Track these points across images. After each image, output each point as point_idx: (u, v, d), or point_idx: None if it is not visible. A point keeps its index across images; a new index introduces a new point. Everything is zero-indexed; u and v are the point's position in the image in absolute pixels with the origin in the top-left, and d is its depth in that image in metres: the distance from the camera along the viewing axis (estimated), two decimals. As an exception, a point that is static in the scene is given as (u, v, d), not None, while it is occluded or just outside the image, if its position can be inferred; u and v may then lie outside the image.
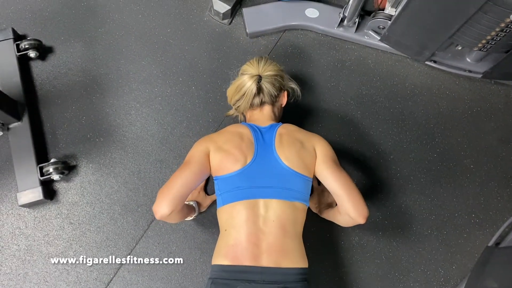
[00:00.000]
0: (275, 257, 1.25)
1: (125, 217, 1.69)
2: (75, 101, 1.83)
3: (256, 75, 1.43)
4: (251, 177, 1.30)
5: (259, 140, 1.37)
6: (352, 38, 1.96)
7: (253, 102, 1.47)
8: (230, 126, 1.44)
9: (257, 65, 1.46)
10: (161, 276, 1.63)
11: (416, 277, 1.68)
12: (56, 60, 1.88)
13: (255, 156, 1.32)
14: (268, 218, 1.28)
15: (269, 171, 1.31)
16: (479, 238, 1.74)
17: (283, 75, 1.53)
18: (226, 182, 1.32)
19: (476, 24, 1.49)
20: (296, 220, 1.32)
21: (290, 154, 1.33)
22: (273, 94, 1.47)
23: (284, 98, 1.55)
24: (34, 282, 1.61)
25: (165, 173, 1.74)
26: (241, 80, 1.45)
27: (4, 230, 1.65)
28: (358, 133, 1.85)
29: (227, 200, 1.31)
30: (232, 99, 1.53)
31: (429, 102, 1.92)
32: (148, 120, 1.82)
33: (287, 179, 1.32)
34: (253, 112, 1.52)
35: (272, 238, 1.26)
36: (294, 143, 1.36)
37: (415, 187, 1.79)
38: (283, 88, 1.53)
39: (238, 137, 1.36)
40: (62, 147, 1.76)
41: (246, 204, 1.29)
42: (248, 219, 1.27)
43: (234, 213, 1.29)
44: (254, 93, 1.44)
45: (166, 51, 1.94)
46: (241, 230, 1.27)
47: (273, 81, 1.46)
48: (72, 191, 1.71)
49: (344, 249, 1.69)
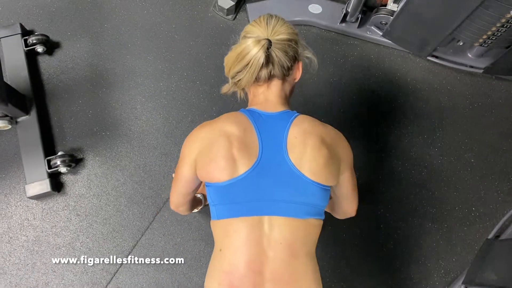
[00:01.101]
0: (282, 287, 1.01)
1: (131, 209, 1.72)
2: (82, 95, 1.86)
3: (265, 39, 1.04)
4: (252, 187, 1.01)
5: (266, 136, 1.05)
6: (354, 33, 1.98)
7: (259, 75, 1.10)
8: (224, 117, 1.10)
9: (265, 25, 1.08)
10: (166, 267, 1.66)
11: (417, 269, 1.71)
12: (63, 55, 1.91)
13: (258, 160, 1.02)
14: (273, 239, 1.01)
15: (276, 179, 1.02)
16: (479, 231, 1.77)
17: (298, 40, 1.14)
18: (220, 192, 1.03)
19: (477, 19, 1.51)
20: (309, 239, 1.06)
21: (306, 158, 1.03)
22: (285, 65, 1.09)
23: (298, 71, 1.18)
24: (42, 272, 1.64)
25: (170, 167, 1.77)
26: (244, 45, 1.05)
27: (13, 222, 1.69)
28: (360, 128, 1.88)
29: (223, 215, 1.04)
30: (230, 70, 1.12)
31: (430, 97, 1.95)
32: (154, 114, 1.85)
33: (301, 191, 1.03)
34: (258, 89, 1.15)
35: (278, 264, 1.01)
36: (313, 143, 1.04)
37: (416, 181, 1.82)
38: (297, 58, 1.15)
39: (228, 138, 1.02)
40: (69, 140, 1.79)
41: (246, 221, 1.02)
42: (248, 239, 1.01)
43: (231, 232, 1.03)
44: (262, 63, 1.05)
45: (171, 46, 1.96)
46: (238, 253, 1.01)
47: (286, 48, 1.08)
48: (79, 183, 1.75)
49: (346, 241, 1.72)
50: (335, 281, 1.68)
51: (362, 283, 1.68)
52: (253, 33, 1.07)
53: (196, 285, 1.65)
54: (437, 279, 1.70)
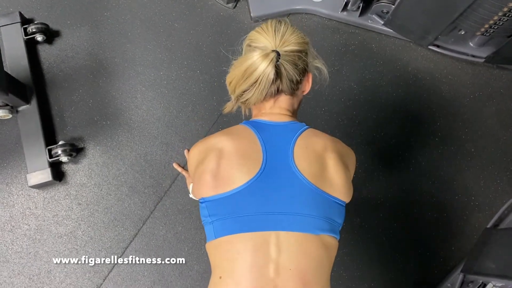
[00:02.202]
0: None
1: (132, 198, 1.73)
2: (82, 84, 1.85)
3: (273, 51, 0.92)
4: (255, 198, 0.90)
5: (271, 145, 0.95)
6: (356, 22, 1.97)
7: (267, 92, 0.98)
8: (218, 134, 1.00)
9: (273, 34, 0.95)
10: (167, 255, 1.68)
11: (416, 258, 1.72)
12: (63, 44, 1.90)
13: (262, 169, 0.91)
14: (282, 264, 0.87)
15: (283, 190, 0.91)
16: (478, 220, 1.78)
17: (308, 50, 1.02)
18: (215, 204, 0.92)
19: (479, 8, 1.50)
20: (323, 263, 0.91)
21: (312, 167, 0.93)
22: (294, 79, 0.98)
23: (308, 84, 1.07)
24: (44, 260, 1.66)
25: (171, 156, 1.78)
26: (250, 60, 0.92)
27: (15, 210, 1.70)
28: (361, 117, 1.88)
29: (221, 232, 0.91)
30: (236, 89, 0.98)
31: (431, 87, 1.94)
32: (154, 104, 1.85)
33: (311, 202, 0.91)
34: (264, 105, 1.04)
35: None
36: (334, 159, 0.95)
37: (416, 170, 1.82)
38: (307, 70, 1.03)
39: (220, 153, 0.94)
40: (69, 129, 1.79)
41: (250, 239, 0.88)
42: (252, 265, 0.87)
43: (232, 253, 0.89)
44: (272, 80, 0.93)
45: (171, 35, 1.95)
46: (242, 282, 0.87)
47: (296, 61, 0.96)
48: (80, 172, 1.75)
49: (346, 230, 1.73)
50: (334, 269, 1.69)
51: (361, 272, 1.70)
52: (259, 42, 0.96)
53: (197, 273, 1.67)
54: (436, 268, 1.72)
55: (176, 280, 1.66)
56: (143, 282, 1.66)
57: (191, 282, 1.66)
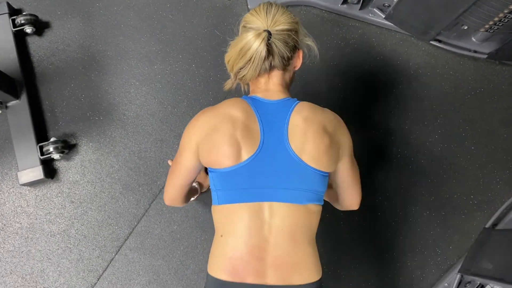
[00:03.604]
0: (284, 273, 1.04)
1: (126, 196, 1.70)
2: (74, 78, 1.80)
3: (265, 30, 1.05)
4: (254, 173, 1.05)
5: (267, 123, 1.07)
6: (356, 15, 1.91)
7: (261, 68, 1.11)
8: (226, 103, 1.12)
9: (265, 15, 1.08)
10: (162, 254, 1.65)
11: (414, 257, 1.71)
12: (53, 36, 1.84)
13: (260, 147, 1.05)
14: (274, 225, 1.04)
15: (277, 167, 1.05)
16: (477, 220, 1.76)
17: (298, 29, 1.14)
18: (222, 178, 1.07)
19: (484, 5, 1.45)
20: (309, 226, 1.09)
21: (307, 145, 1.05)
22: (285, 55, 1.10)
23: (299, 60, 1.19)
24: (37, 259, 1.63)
25: (166, 153, 1.74)
26: (245, 40, 1.06)
27: (6, 209, 1.66)
28: (360, 113, 1.84)
29: (224, 200, 1.08)
30: (233, 67, 1.13)
31: (432, 83, 1.90)
32: (148, 99, 1.80)
33: (301, 177, 1.06)
34: (259, 80, 1.16)
35: (280, 251, 1.04)
36: (315, 131, 1.07)
37: (415, 168, 1.80)
38: (297, 47, 1.15)
39: (237, 120, 1.05)
40: (61, 125, 1.74)
41: (247, 207, 1.05)
42: (250, 226, 1.04)
43: (233, 218, 1.07)
44: (264, 56, 1.06)
45: (165, 27, 1.89)
46: (241, 240, 1.04)
47: (286, 39, 1.09)
48: (72, 170, 1.71)
49: (344, 228, 1.72)
50: (332, 268, 1.68)
51: (359, 270, 1.69)
52: (253, 23, 1.08)
53: (192, 272, 1.65)
54: (434, 267, 1.71)
55: (171, 279, 1.64)
56: (138, 281, 1.64)
57: (187, 281, 1.65)
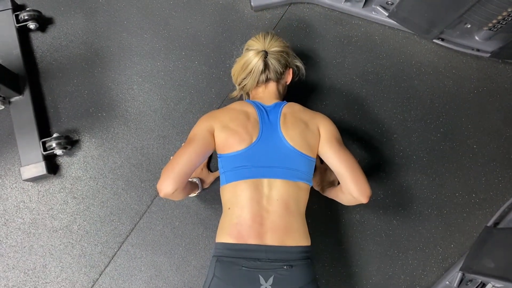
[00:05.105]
0: (279, 235, 1.27)
1: (128, 192, 1.70)
2: (77, 74, 1.80)
3: (262, 50, 1.42)
4: (255, 156, 1.31)
5: (264, 119, 1.37)
6: (359, 13, 1.91)
7: (259, 79, 1.46)
8: (235, 103, 1.44)
9: (263, 40, 1.45)
10: (164, 250, 1.66)
11: (415, 255, 1.72)
12: (56, 32, 1.84)
13: (260, 136, 1.33)
14: (271, 197, 1.30)
15: (273, 151, 1.33)
16: (478, 218, 1.76)
17: (289, 51, 1.52)
18: (230, 160, 1.33)
19: (487, 3, 1.45)
20: (299, 199, 1.34)
21: (294, 134, 1.34)
22: (278, 71, 1.46)
23: (289, 76, 1.54)
24: (40, 254, 1.64)
25: (168, 149, 1.74)
26: (247, 57, 1.44)
27: (9, 204, 1.67)
28: (363, 111, 1.84)
29: (231, 179, 1.32)
30: (238, 78, 1.51)
31: (435, 81, 1.90)
32: (151, 95, 1.80)
33: (291, 159, 1.33)
34: (258, 90, 1.50)
35: (276, 217, 1.28)
36: (299, 123, 1.37)
37: (417, 166, 1.80)
38: (288, 65, 1.52)
39: (244, 115, 1.37)
40: (64, 121, 1.75)
41: (250, 183, 1.30)
42: (252, 198, 1.29)
43: (238, 192, 1.31)
44: (261, 70, 1.42)
45: (168, 23, 1.89)
46: (245, 209, 1.28)
47: (279, 58, 1.45)
48: (75, 165, 1.72)
49: (345, 226, 1.72)
50: (333, 266, 1.68)
51: (359, 268, 1.69)
52: (253, 46, 1.46)
53: (194, 268, 1.66)
54: (435, 265, 1.71)
55: (173, 275, 1.65)
56: (140, 277, 1.64)
57: (189, 277, 1.65)
